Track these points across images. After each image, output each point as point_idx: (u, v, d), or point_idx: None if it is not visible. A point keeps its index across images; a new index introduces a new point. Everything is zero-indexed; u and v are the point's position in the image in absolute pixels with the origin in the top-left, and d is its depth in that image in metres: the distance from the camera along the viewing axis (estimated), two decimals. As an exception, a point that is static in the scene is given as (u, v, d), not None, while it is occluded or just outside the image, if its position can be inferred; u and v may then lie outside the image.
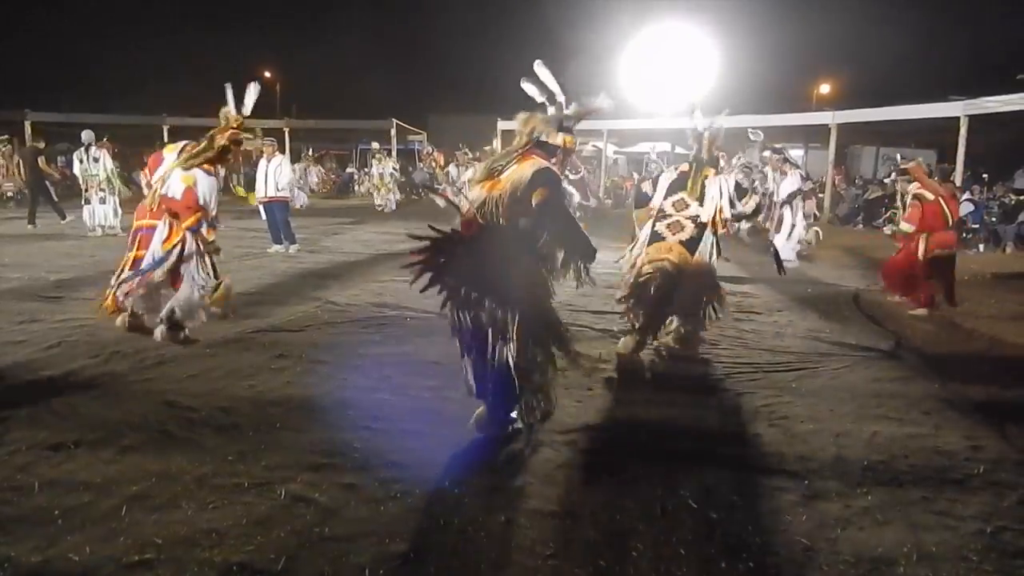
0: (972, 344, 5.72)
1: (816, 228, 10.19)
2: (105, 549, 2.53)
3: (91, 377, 4.34)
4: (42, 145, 13.20)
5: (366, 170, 19.71)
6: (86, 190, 11.64)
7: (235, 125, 5.17)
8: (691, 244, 5.06)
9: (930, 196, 6.80)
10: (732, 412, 4.05)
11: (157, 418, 3.68)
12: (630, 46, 19.83)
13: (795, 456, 3.46)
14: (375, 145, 19.49)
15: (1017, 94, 12.83)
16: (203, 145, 5.15)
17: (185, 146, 5.25)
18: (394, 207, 17.63)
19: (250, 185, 11.92)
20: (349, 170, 25.82)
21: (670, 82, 18.86)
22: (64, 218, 12.66)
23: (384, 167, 18.19)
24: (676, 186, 5.24)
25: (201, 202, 5.08)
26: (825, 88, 32.23)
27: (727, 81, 21.91)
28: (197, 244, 5.13)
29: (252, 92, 5.26)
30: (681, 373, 4.77)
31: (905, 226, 6.93)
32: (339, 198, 22.36)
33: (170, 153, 5.27)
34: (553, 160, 3.50)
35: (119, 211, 11.64)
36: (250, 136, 4.81)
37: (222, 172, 5.15)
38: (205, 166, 5.14)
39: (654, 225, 5.21)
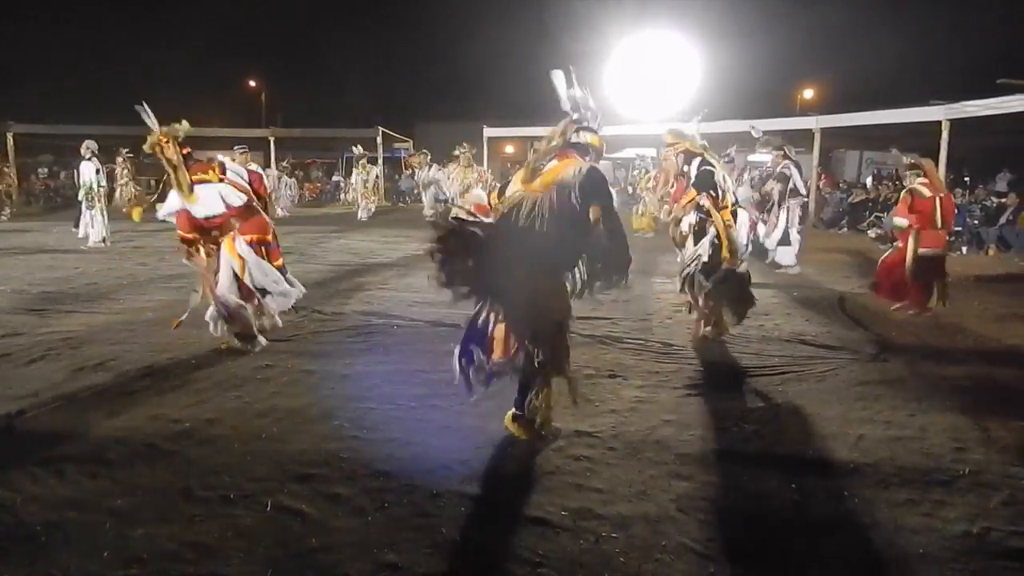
0: (957, 346, 5.76)
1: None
2: (89, 565, 2.50)
3: (75, 390, 4.30)
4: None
5: (350, 180, 19.40)
6: (101, 200, 11.58)
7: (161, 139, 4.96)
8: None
9: (927, 193, 6.71)
10: (718, 416, 4.05)
11: (142, 431, 3.65)
12: (615, 52, 19.88)
13: (781, 459, 3.47)
14: (358, 149, 18.32)
15: (997, 98, 12.97)
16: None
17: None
18: (365, 216, 17.09)
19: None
20: (336, 178, 25.74)
21: (655, 88, 18.91)
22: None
23: (368, 175, 17.72)
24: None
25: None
26: (809, 93, 32.54)
27: (711, 87, 22.06)
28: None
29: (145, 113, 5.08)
30: (668, 378, 4.78)
31: (898, 220, 6.85)
32: (326, 206, 22.31)
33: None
34: (588, 159, 3.59)
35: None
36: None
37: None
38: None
39: (735, 217, 5.79)
